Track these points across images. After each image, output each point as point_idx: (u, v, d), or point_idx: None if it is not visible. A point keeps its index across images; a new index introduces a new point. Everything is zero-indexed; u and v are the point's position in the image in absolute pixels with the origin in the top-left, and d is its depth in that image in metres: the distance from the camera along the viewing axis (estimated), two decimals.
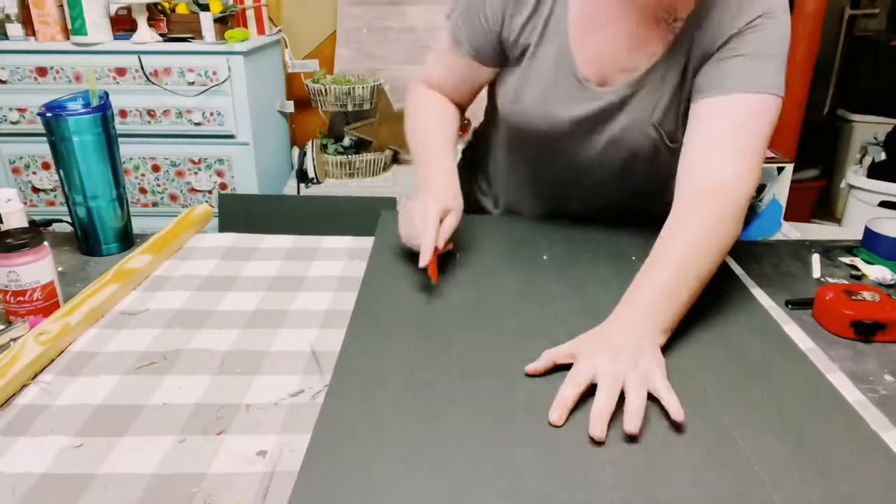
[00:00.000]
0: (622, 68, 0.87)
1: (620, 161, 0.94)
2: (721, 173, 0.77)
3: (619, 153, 0.93)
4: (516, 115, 0.94)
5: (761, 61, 0.80)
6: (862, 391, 0.62)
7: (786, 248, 0.98)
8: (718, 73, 0.82)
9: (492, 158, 1.10)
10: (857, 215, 2.66)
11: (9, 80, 2.10)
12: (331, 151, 2.42)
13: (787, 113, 2.56)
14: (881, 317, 0.71)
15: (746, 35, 0.81)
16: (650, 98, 0.87)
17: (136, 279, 0.85)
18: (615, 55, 0.87)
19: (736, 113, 0.80)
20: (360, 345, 0.68)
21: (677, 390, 0.59)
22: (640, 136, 0.90)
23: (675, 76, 0.86)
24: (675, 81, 0.86)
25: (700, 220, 0.74)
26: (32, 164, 2.21)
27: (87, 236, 0.95)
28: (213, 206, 1.12)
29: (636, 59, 0.87)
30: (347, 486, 0.49)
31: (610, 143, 0.92)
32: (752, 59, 0.80)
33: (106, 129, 0.92)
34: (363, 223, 1.03)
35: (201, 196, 2.25)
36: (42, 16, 2.08)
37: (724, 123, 0.80)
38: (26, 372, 0.63)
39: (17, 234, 0.73)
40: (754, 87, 0.80)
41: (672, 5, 0.83)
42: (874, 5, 3.14)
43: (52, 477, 0.51)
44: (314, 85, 2.36)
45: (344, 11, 2.53)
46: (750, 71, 0.80)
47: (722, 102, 0.80)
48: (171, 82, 2.10)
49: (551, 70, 0.88)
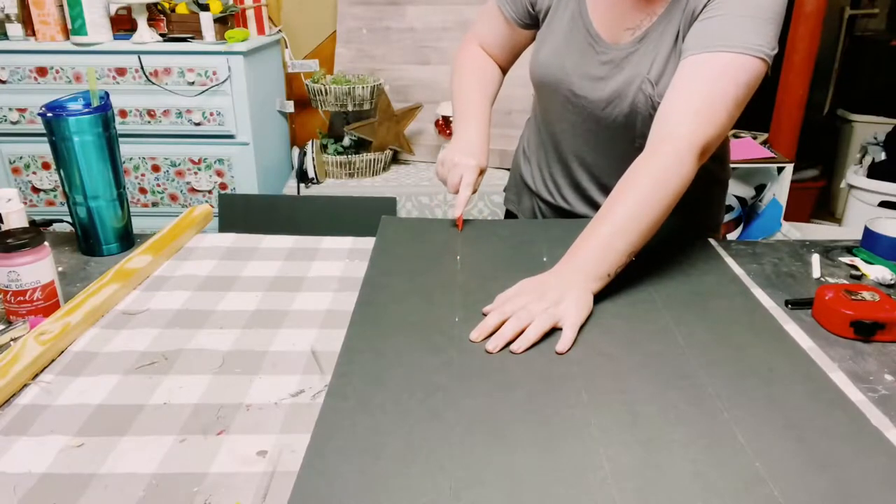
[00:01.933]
0: (626, 27, 0.94)
1: (623, 118, 0.97)
2: (675, 128, 0.81)
3: (621, 108, 0.96)
4: (535, 69, 1.03)
5: (737, 21, 0.82)
6: (862, 391, 0.62)
7: (786, 248, 0.98)
8: (696, 34, 0.85)
9: (530, 125, 1.22)
10: (857, 215, 2.65)
11: (9, 80, 2.10)
12: (331, 151, 2.42)
13: (787, 113, 2.58)
14: (881, 316, 0.71)
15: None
16: (649, 55, 0.92)
17: (137, 279, 0.85)
18: (622, 13, 0.93)
19: (702, 71, 0.83)
20: (360, 345, 0.68)
21: (678, 388, 0.59)
22: (638, 92, 0.93)
23: (670, 36, 0.90)
24: (671, 41, 0.90)
25: (646, 175, 0.79)
26: (32, 164, 2.21)
27: (87, 236, 0.95)
28: (213, 206, 1.13)
29: (639, 18, 0.92)
30: (347, 485, 0.49)
31: (614, 96, 0.96)
32: (727, 18, 0.83)
33: (106, 129, 0.92)
34: (363, 223, 1.03)
35: (201, 196, 2.25)
36: (42, 16, 2.08)
37: (688, 81, 0.83)
38: (27, 372, 0.63)
39: (17, 234, 0.73)
40: (725, 46, 0.82)
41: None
42: (874, 5, 3.14)
43: (52, 477, 0.51)
44: (314, 85, 2.36)
45: (344, 11, 2.53)
46: (723, 31, 0.82)
47: (694, 62, 0.84)
48: (171, 82, 2.10)
49: (567, 27, 0.98)
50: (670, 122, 0.82)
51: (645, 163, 0.81)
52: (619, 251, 0.76)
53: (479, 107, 1.06)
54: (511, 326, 0.68)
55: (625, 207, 0.77)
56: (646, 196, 0.77)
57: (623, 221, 0.77)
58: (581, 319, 0.71)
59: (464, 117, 1.05)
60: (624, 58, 0.94)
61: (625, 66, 0.94)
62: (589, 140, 1.04)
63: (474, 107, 1.06)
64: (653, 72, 0.92)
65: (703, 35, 0.84)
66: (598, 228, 0.77)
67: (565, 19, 0.98)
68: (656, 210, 0.77)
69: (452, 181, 0.98)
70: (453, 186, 0.98)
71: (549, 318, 0.69)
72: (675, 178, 0.78)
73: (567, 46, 0.98)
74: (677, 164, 0.79)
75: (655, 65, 0.92)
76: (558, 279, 0.75)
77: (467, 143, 1.01)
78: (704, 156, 0.82)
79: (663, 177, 0.78)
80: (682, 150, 0.79)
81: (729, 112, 0.81)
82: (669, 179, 0.78)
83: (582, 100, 0.99)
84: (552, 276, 0.76)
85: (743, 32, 0.81)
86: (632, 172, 0.81)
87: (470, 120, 1.04)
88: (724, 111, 0.81)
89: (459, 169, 0.98)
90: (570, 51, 0.98)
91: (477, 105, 1.06)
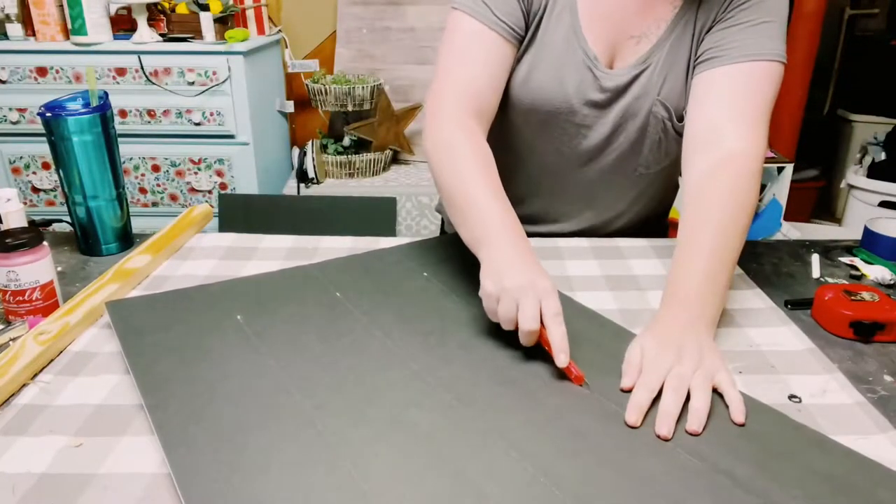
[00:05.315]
0: (630, 34, 0.87)
1: (629, 145, 0.93)
2: (731, 145, 0.77)
3: (628, 134, 0.91)
4: (527, 93, 0.88)
5: (761, 28, 0.81)
6: (861, 391, 0.62)
7: (785, 248, 0.98)
8: (720, 43, 0.82)
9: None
10: (857, 215, 2.65)
11: (9, 80, 2.10)
12: (331, 151, 2.42)
13: (787, 113, 2.57)
14: (880, 317, 0.71)
15: (745, 2, 0.81)
16: (659, 73, 0.87)
17: (136, 279, 0.85)
18: (622, 21, 0.86)
19: (739, 82, 0.80)
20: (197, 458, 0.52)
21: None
22: (649, 115, 0.89)
23: (683, 52, 0.86)
24: (684, 58, 0.86)
25: (720, 198, 0.74)
26: (32, 164, 2.21)
27: (86, 236, 0.95)
28: (213, 206, 1.13)
29: (645, 25, 0.86)
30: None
31: (620, 121, 0.91)
32: (751, 26, 0.81)
33: (106, 129, 0.92)
34: (363, 223, 1.03)
35: (201, 196, 2.25)
36: (42, 16, 2.08)
37: (727, 93, 0.80)
38: (26, 372, 0.63)
39: (16, 234, 0.73)
40: (756, 54, 0.80)
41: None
42: (874, 5, 3.14)
43: (51, 477, 0.51)
44: (314, 85, 2.36)
45: (344, 11, 2.53)
46: (750, 39, 0.80)
47: (724, 73, 0.81)
48: (171, 82, 2.10)
49: (563, 45, 0.87)
50: (727, 139, 0.77)
51: (715, 186, 0.75)
52: (722, 285, 0.69)
53: (509, 215, 0.74)
54: (673, 401, 0.57)
55: (713, 238, 0.71)
56: (730, 223, 0.72)
57: (717, 253, 0.70)
58: (731, 375, 0.61)
59: (495, 232, 0.71)
60: (629, 81, 0.87)
61: (631, 88, 0.88)
62: (582, 169, 0.96)
63: (501, 216, 0.73)
64: (665, 92, 0.87)
65: (733, 44, 0.81)
66: (693, 266, 0.69)
67: (559, 35, 0.86)
68: (741, 234, 0.73)
69: (529, 313, 0.63)
70: (532, 319, 0.63)
71: (707, 382, 0.59)
72: (751, 198, 0.75)
73: (565, 69, 0.87)
74: (751, 183, 0.75)
75: (669, 84, 0.87)
76: (682, 331, 0.64)
77: (521, 261, 0.67)
78: None
79: (741, 199, 0.74)
80: (751, 168, 0.76)
81: (769, 120, 0.81)
82: (746, 200, 0.74)
83: (583, 129, 0.92)
84: (673, 329, 0.64)
85: (769, 39, 0.80)
86: (704, 200, 0.75)
87: (505, 233, 0.71)
88: (769, 119, 0.80)
89: (533, 294, 0.63)
90: (568, 75, 0.88)
91: (505, 213, 0.74)
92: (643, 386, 0.59)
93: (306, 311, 0.74)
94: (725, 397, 0.59)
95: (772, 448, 0.53)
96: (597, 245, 0.97)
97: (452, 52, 0.86)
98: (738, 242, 0.72)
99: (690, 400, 0.58)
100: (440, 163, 0.80)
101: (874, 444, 0.55)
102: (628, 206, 1.02)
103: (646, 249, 0.95)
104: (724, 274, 0.70)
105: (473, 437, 0.54)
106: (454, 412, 0.57)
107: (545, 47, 0.87)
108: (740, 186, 0.75)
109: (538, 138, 0.95)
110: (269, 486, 0.49)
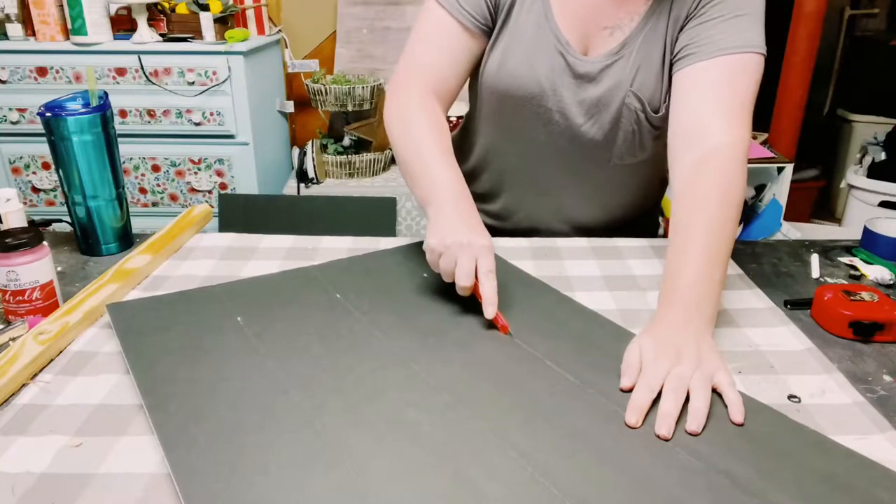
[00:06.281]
0: (603, 25, 0.87)
1: (602, 136, 0.93)
2: (715, 139, 0.78)
3: (601, 123, 0.92)
4: (500, 80, 0.91)
5: (733, 22, 0.81)
6: (860, 391, 0.62)
7: (785, 248, 0.98)
8: (695, 40, 0.83)
9: (478, 156, 1.05)
10: (856, 215, 2.65)
11: (9, 80, 2.10)
12: (331, 151, 2.42)
13: (787, 113, 2.57)
14: (880, 317, 0.71)
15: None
16: (632, 65, 0.87)
17: (136, 279, 0.85)
18: (595, 10, 0.87)
19: (718, 76, 0.81)
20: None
21: None
22: (622, 106, 0.90)
23: (657, 45, 0.87)
24: (658, 52, 0.87)
25: (708, 194, 0.74)
26: (32, 164, 2.21)
27: (86, 236, 0.95)
28: (212, 206, 1.13)
29: (617, 17, 0.87)
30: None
31: (593, 111, 0.91)
32: (724, 21, 0.82)
33: (105, 129, 0.92)
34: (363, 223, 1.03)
35: (201, 196, 2.25)
36: (42, 16, 2.08)
37: (708, 88, 0.81)
38: (25, 371, 0.63)
39: (16, 234, 0.73)
40: (731, 48, 0.81)
41: None
42: (874, 5, 3.14)
43: (51, 476, 0.51)
44: (314, 85, 2.36)
45: (344, 11, 2.53)
46: (724, 34, 0.81)
47: (702, 68, 0.82)
48: (171, 82, 2.10)
49: (534, 32, 0.88)
50: (710, 133, 0.78)
51: (702, 182, 0.76)
52: (717, 281, 0.69)
53: (456, 176, 0.81)
54: (673, 402, 0.57)
55: (704, 234, 0.71)
56: (719, 217, 0.72)
57: (710, 249, 0.70)
58: (730, 376, 0.61)
59: (442, 192, 0.79)
60: (602, 69, 0.88)
61: (603, 77, 0.89)
62: (556, 160, 0.98)
63: (449, 177, 0.80)
64: (638, 84, 0.88)
65: (708, 40, 0.82)
66: (687, 264, 0.69)
67: (530, 22, 0.88)
68: (732, 228, 0.73)
69: (465, 269, 0.71)
70: (467, 276, 0.71)
71: (706, 382, 0.59)
72: (739, 191, 0.75)
73: (536, 54, 0.89)
74: (737, 175, 0.76)
75: (641, 76, 0.87)
76: (680, 331, 0.64)
77: (461, 221, 0.74)
78: None
79: (729, 193, 0.74)
80: (736, 161, 0.76)
81: (752, 111, 0.81)
82: (734, 193, 0.75)
83: (556, 115, 0.92)
84: (671, 329, 0.65)
85: (744, 32, 0.81)
86: (693, 197, 0.75)
87: (450, 194, 0.78)
88: (751, 111, 0.81)
89: (470, 252, 0.71)
90: (540, 60, 0.89)
91: (453, 174, 0.81)
92: (643, 386, 0.59)
93: (306, 312, 0.74)
94: (724, 397, 0.59)
95: (771, 448, 0.53)
96: (596, 245, 0.97)
97: (419, 39, 0.92)
98: (729, 237, 0.73)
99: (690, 400, 0.58)
100: (398, 129, 0.88)
101: (873, 444, 0.55)
102: (607, 198, 1.03)
103: (645, 249, 0.95)
104: (718, 270, 0.70)
105: (473, 436, 0.54)
106: (453, 412, 0.57)
107: (517, 34, 0.89)
108: (728, 180, 0.75)
109: (513, 126, 0.97)
110: (269, 486, 0.49)
